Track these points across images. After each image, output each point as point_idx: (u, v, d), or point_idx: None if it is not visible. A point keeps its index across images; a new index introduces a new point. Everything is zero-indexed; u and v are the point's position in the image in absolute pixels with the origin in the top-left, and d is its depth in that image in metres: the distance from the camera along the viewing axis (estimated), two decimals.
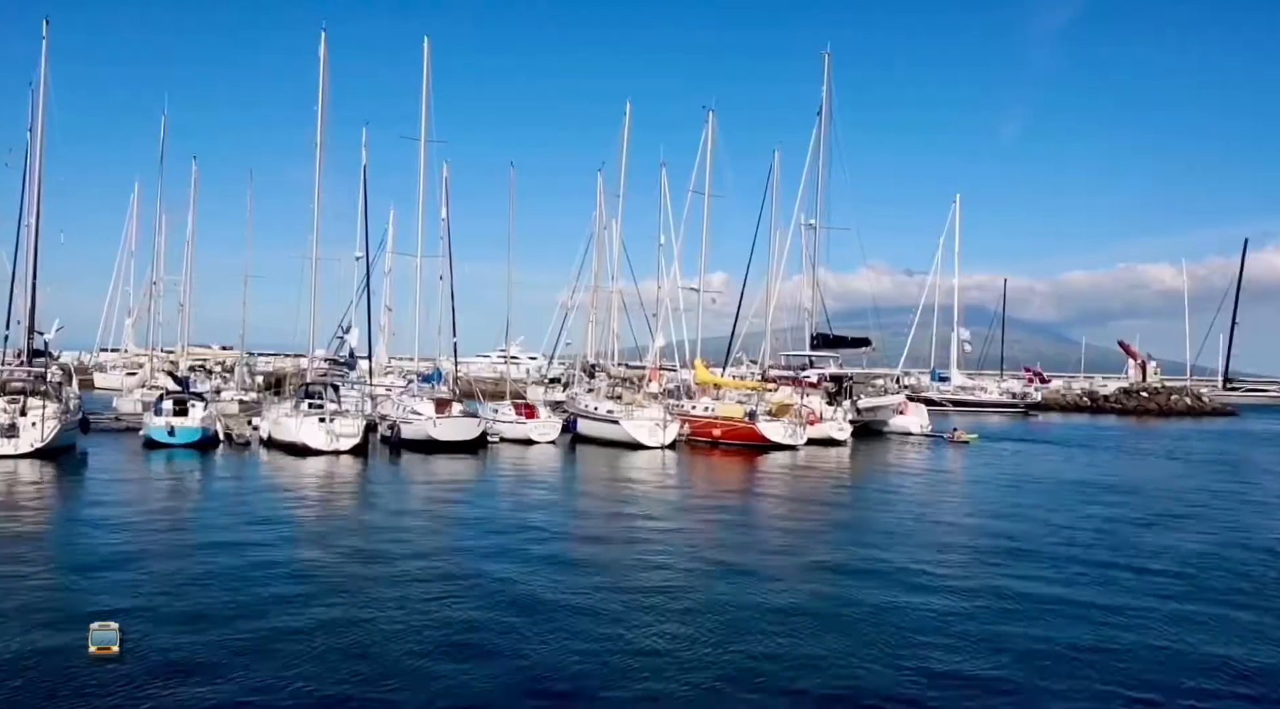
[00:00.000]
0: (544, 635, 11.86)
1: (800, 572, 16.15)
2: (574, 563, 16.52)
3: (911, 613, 13.32)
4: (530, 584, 14.55)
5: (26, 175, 35.55)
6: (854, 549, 18.31)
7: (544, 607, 13.23)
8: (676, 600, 13.76)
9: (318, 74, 40.94)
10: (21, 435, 28.67)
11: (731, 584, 14.93)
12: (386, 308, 56.43)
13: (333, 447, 32.23)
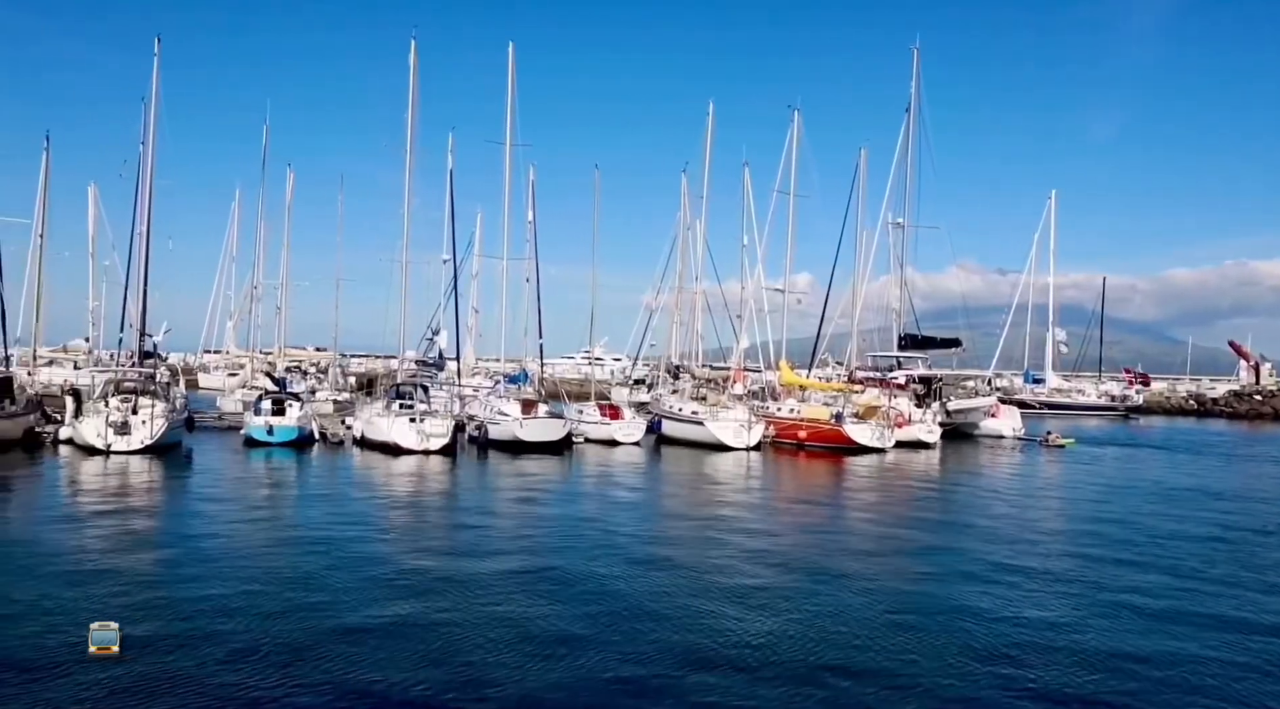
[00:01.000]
0: (625, 637, 11.86)
1: (888, 580, 15.75)
2: (658, 564, 16.49)
3: (1008, 628, 12.77)
4: (614, 584, 14.58)
5: (139, 185, 37.30)
6: (946, 558, 17.77)
7: (627, 607, 13.23)
8: (762, 607, 13.58)
9: (408, 81, 41.91)
10: (133, 433, 30.01)
11: (818, 591, 14.64)
12: (474, 310, 57.31)
13: (423, 446, 32.89)
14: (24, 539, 17.42)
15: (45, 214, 49.18)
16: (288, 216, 59.39)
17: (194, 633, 11.47)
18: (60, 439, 31.87)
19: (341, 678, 10.14)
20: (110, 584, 13.86)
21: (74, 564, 15.20)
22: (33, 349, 49.86)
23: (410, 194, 41.80)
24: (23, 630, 11.39)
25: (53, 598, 12.90)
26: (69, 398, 33.85)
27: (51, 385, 42.29)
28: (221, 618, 12.16)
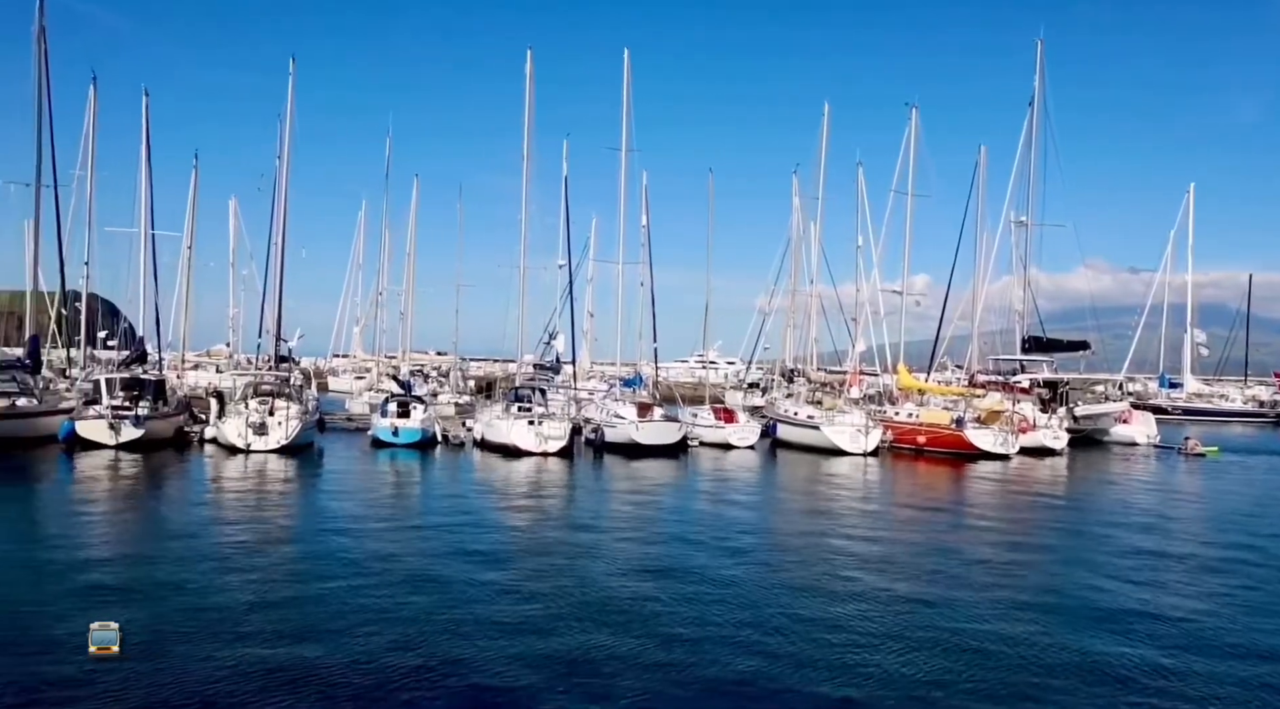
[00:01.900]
0: (738, 645, 11.83)
1: (1007, 598, 14.85)
2: (775, 570, 16.41)
3: (1139, 666, 11.51)
4: (730, 590, 14.54)
5: (275, 199, 39.41)
6: (1071, 575, 16.63)
7: (740, 614, 13.17)
8: (879, 619, 13.29)
9: (524, 91, 42.97)
10: (270, 433, 31.64)
11: (936, 605, 14.07)
12: (589, 314, 58.14)
13: (541, 448, 33.58)
14: (173, 530, 18.66)
15: (193, 227, 52.48)
16: (412, 225, 61.70)
17: (332, 623, 12.08)
18: (205, 438, 33.88)
19: (464, 674, 10.50)
20: (249, 575, 14.74)
21: (218, 554, 16.19)
22: (181, 353, 53.16)
23: (527, 201, 42.93)
24: (172, 609, 12.21)
25: (207, 585, 13.80)
26: (213, 400, 35.91)
27: (197, 388, 44.95)
28: (350, 612, 12.76)
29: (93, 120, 43.93)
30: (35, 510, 21.73)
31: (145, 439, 31.21)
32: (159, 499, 24.03)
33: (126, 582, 14.24)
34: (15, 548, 16.66)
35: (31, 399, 33.87)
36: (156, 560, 15.76)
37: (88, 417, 31.68)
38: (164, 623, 11.87)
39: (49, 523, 19.88)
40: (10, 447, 29.83)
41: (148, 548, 17.05)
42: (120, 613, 12.17)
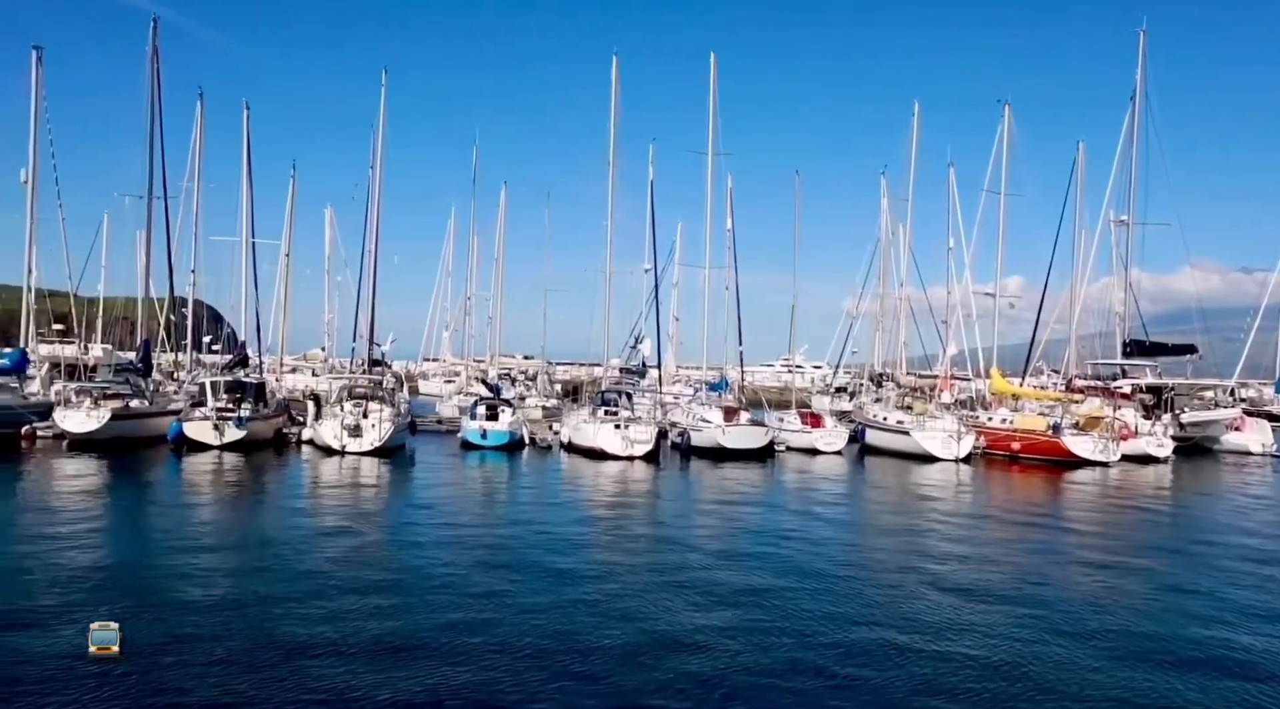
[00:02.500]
0: (827, 658, 11.62)
1: (1112, 615, 14.05)
2: (863, 580, 16.08)
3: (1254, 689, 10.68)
4: (816, 600, 14.22)
5: (368, 207, 40.53)
6: (1180, 599, 15.19)
7: (825, 627, 12.86)
8: (971, 636, 12.76)
9: (610, 96, 43.29)
10: (364, 435, 32.47)
11: (1030, 623, 13.23)
12: (674, 318, 58.17)
13: (627, 452, 33.69)
14: (270, 527, 19.31)
15: (291, 235, 54.40)
16: (500, 231, 62.68)
17: (417, 623, 12.29)
18: (303, 440, 34.98)
19: (525, 690, 10.58)
20: (344, 569, 15.13)
21: (307, 548, 16.67)
22: (279, 357, 55.05)
23: (613, 206, 43.28)
24: (278, 612, 12.60)
25: (316, 578, 14.25)
26: (310, 402, 37.08)
27: (294, 390, 46.48)
28: (441, 608, 12.98)
29: (199, 134, 45.92)
30: (148, 507, 22.70)
31: (247, 440, 32.38)
32: (260, 498, 24.87)
33: (223, 574, 14.76)
34: (131, 540, 17.48)
35: (143, 401, 35.47)
36: (255, 557, 16.31)
37: (194, 418, 33.01)
38: (266, 615, 12.26)
39: (160, 519, 20.75)
40: (124, 446, 31.28)
41: (248, 545, 17.65)
42: (218, 604, 12.65)
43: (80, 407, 32.53)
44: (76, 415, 32.01)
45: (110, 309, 62.61)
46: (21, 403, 34.79)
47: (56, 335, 45.36)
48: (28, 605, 12.55)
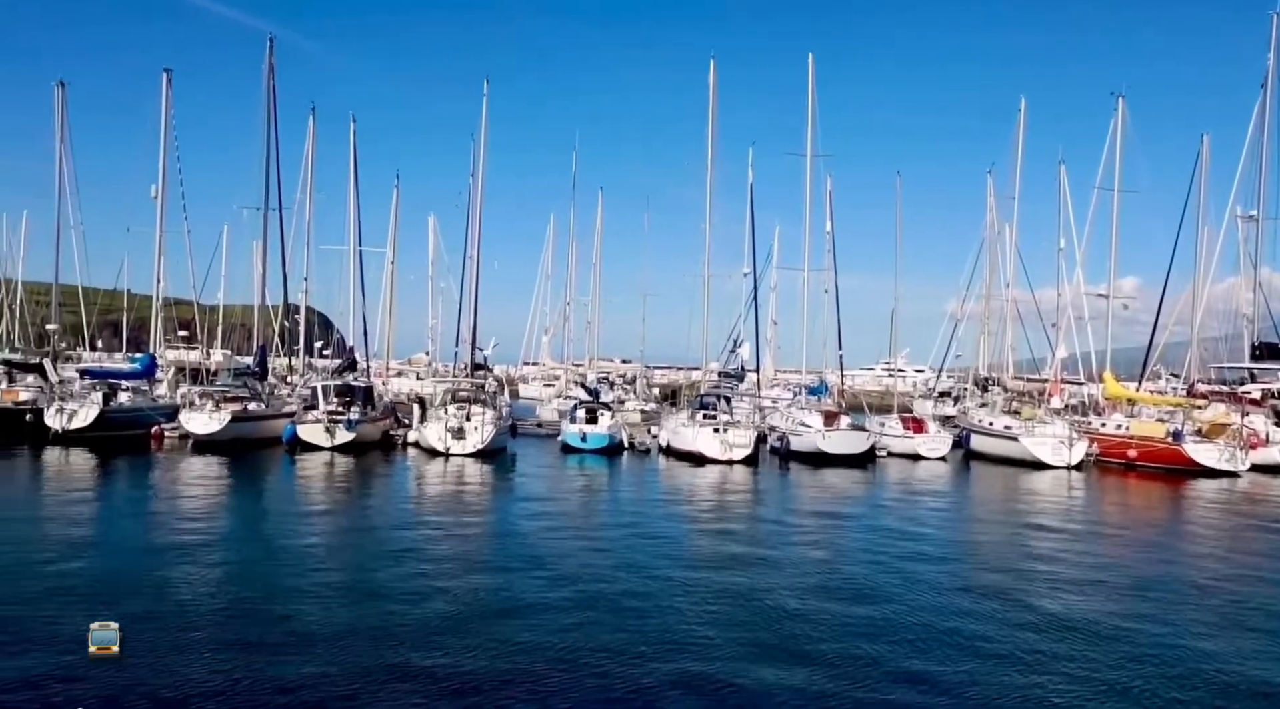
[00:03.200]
0: (922, 667, 11.39)
1: (1243, 643, 13.06)
2: (971, 594, 15.36)
3: None
4: (919, 615, 13.66)
5: (469, 214, 41.48)
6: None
7: (925, 641, 12.45)
8: (1084, 658, 12.08)
9: (708, 100, 43.27)
10: (467, 438, 33.20)
11: (1151, 650, 12.37)
12: (773, 321, 57.89)
13: (726, 456, 33.57)
14: (378, 526, 19.90)
15: (395, 243, 56.06)
16: (598, 236, 63.31)
17: (521, 626, 12.44)
18: (408, 442, 35.96)
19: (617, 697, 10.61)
20: (444, 567, 15.49)
21: (414, 547, 17.11)
22: (385, 361, 56.73)
23: (711, 209, 43.27)
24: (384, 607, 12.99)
25: (422, 579, 14.65)
26: (416, 405, 38.09)
27: (400, 394, 47.84)
28: (540, 609, 13.17)
29: (311, 148, 47.74)
30: (265, 505, 23.70)
31: (356, 442, 33.49)
32: (368, 498, 25.68)
33: (331, 571, 15.28)
34: (249, 535, 18.29)
35: (260, 404, 37.04)
36: (363, 555, 16.84)
37: (307, 421, 34.29)
38: (368, 609, 12.64)
39: (277, 516, 21.63)
40: (243, 447, 32.71)
41: (357, 543, 18.25)
42: (335, 596, 13.09)
43: (203, 409, 34.14)
44: (200, 417, 33.61)
45: (229, 316, 65.77)
46: (151, 405, 36.83)
47: (181, 341, 47.86)
48: (158, 593, 13.23)
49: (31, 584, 13.65)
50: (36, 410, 34.25)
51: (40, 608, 12.37)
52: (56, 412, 33.20)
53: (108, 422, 33.72)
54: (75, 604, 12.56)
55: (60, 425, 32.88)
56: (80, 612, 11.97)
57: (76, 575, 14.49)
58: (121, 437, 33.25)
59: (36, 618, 11.91)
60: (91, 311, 59.99)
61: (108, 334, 70.42)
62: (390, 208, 56.63)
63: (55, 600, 12.79)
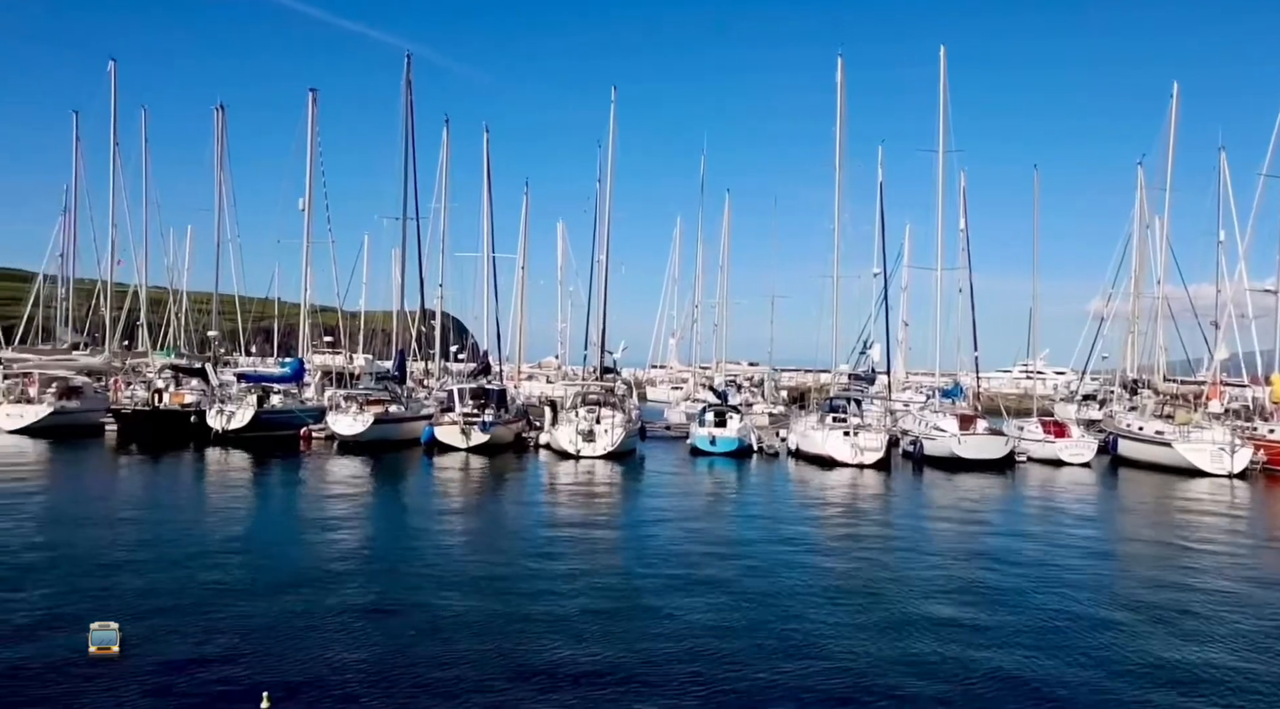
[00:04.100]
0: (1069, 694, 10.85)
1: None
2: (1133, 610, 14.57)
3: None
4: (1061, 638, 12.83)
5: (597, 219, 42.07)
6: None
7: (1076, 661, 11.90)
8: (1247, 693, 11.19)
9: (835, 99, 42.61)
10: (597, 440, 33.70)
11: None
12: (904, 322, 56.51)
13: (857, 460, 32.97)
14: (511, 524, 20.41)
15: (526, 249, 57.45)
16: (725, 238, 63.18)
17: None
18: (540, 444, 36.74)
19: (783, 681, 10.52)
20: (579, 566, 15.76)
21: (545, 546, 17.47)
22: (516, 365, 58.14)
23: (840, 209, 42.54)
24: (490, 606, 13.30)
25: (553, 578, 14.98)
26: (547, 408, 38.87)
27: (531, 397, 48.93)
28: (675, 613, 13.22)
29: (446, 159, 49.41)
30: (406, 502, 24.65)
31: (491, 443, 34.46)
32: (502, 497, 26.37)
33: (458, 568, 15.76)
34: (391, 530, 19.07)
35: (400, 406, 38.54)
36: (496, 551, 17.31)
37: (444, 423, 35.48)
38: (507, 605, 12.99)
39: (417, 513, 22.48)
40: (384, 447, 34.13)
41: (494, 541, 18.78)
42: (471, 589, 13.48)
43: (348, 411, 35.77)
44: (345, 419, 35.22)
45: (370, 322, 68.69)
46: (300, 407, 38.86)
47: (327, 347, 50.23)
48: (299, 583, 13.96)
49: (185, 575, 14.62)
50: (200, 412, 36.63)
51: (201, 597, 13.26)
52: (217, 413, 35.42)
53: (262, 422, 35.75)
54: (234, 595, 13.42)
55: (220, 426, 35.05)
56: (241, 600, 12.80)
57: (238, 568, 15.42)
58: (274, 437, 35.21)
59: (201, 606, 12.77)
60: (246, 319, 63.66)
61: (261, 340, 74.66)
62: (520, 214, 58.15)
63: (213, 591, 13.69)
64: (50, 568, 14.84)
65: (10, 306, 66.79)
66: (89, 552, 16.18)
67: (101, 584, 13.87)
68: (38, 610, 12.36)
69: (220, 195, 47.09)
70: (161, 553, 16.25)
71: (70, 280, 55.26)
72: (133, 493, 25.08)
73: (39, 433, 36.33)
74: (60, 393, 39.89)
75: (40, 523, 19.15)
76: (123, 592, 13.47)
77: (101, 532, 18.26)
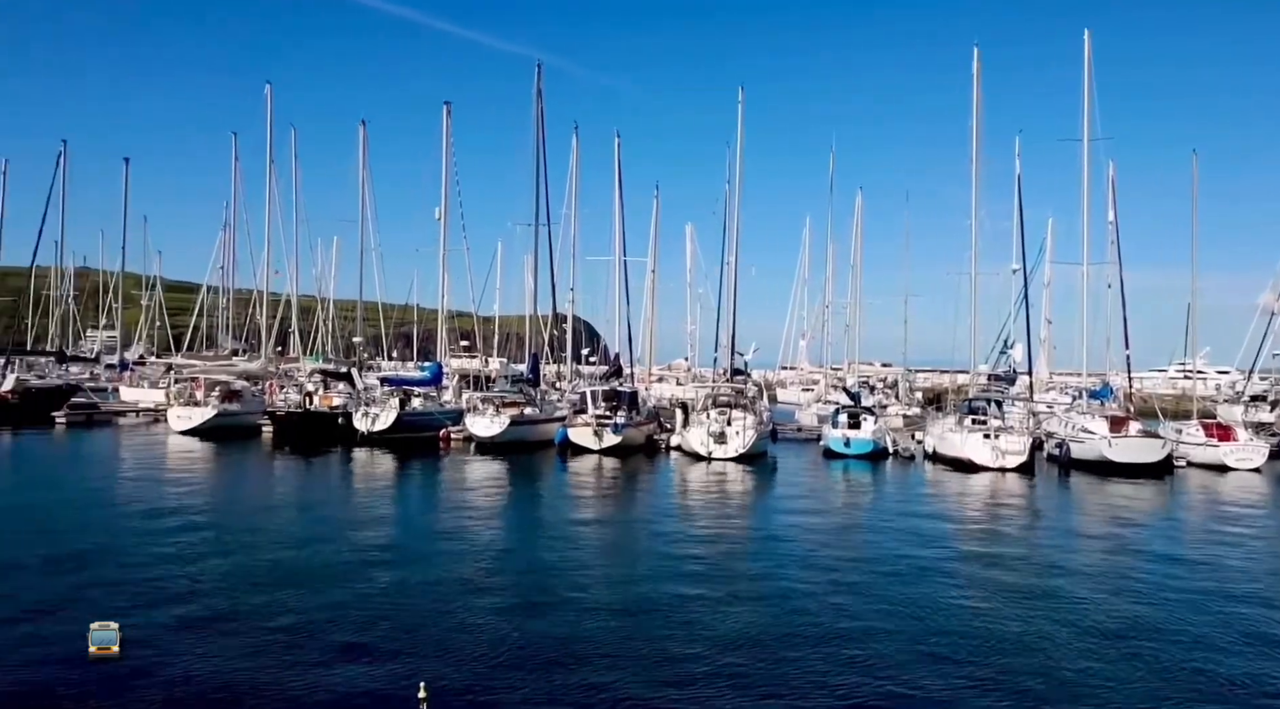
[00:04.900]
0: None
1: None
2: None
3: None
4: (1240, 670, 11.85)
5: (726, 221, 41.98)
6: None
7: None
8: None
9: (971, 91, 41.14)
10: (729, 442, 33.59)
11: None
12: (1046, 320, 53.99)
13: (998, 463, 31.77)
14: (643, 527, 20.55)
15: (656, 252, 57.87)
16: (856, 237, 61.91)
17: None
18: (671, 445, 36.88)
19: None
20: (716, 568, 15.72)
21: (676, 548, 17.49)
22: (647, 367, 58.57)
23: (977, 204, 40.99)
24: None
25: (685, 580, 15.03)
26: (678, 410, 39.00)
27: (661, 399, 49.18)
28: (795, 628, 13.01)
29: (575, 165, 50.22)
30: (544, 503, 25.16)
31: (623, 445, 34.80)
32: (634, 499, 26.60)
33: (592, 570, 15.94)
34: (527, 529, 19.54)
35: (535, 409, 39.39)
36: (628, 553, 17.44)
37: (576, 424, 36.06)
38: (646, 608, 13.07)
39: (553, 514, 22.91)
40: (520, 449, 34.94)
41: (629, 544, 18.96)
42: (602, 591, 13.62)
43: (485, 413, 36.78)
44: (482, 421, 36.24)
45: (504, 326, 70.53)
46: (439, 409, 40.22)
47: (463, 351, 51.84)
48: (448, 579, 14.43)
49: (346, 569, 15.33)
50: (346, 414, 38.36)
51: (354, 588, 13.90)
52: (362, 415, 37.02)
53: (404, 424, 37.16)
54: (387, 590, 14.01)
55: (366, 427, 36.62)
56: (393, 594, 13.32)
57: (389, 565, 16.10)
58: (415, 438, 36.53)
59: (358, 596, 13.39)
60: (388, 325, 66.61)
61: (401, 345, 77.72)
62: (650, 218, 58.55)
63: (366, 582, 14.33)
64: (222, 554, 15.88)
65: (180, 316, 71.92)
66: (253, 542, 17.22)
67: (269, 575, 14.76)
68: (218, 589, 13.25)
69: (363, 207, 49.31)
70: (321, 548, 17.16)
71: (230, 291, 59.07)
72: (290, 490, 26.48)
73: (205, 434, 38.78)
74: (223, 396, 42.47)
75: (215, 515, 20.52)
76: (284, 579, 14.28)
77: (265, 526, 19.41)
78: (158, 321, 71.62)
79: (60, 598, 13.11)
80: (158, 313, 71.38)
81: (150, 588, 13.75)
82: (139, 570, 14.86)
